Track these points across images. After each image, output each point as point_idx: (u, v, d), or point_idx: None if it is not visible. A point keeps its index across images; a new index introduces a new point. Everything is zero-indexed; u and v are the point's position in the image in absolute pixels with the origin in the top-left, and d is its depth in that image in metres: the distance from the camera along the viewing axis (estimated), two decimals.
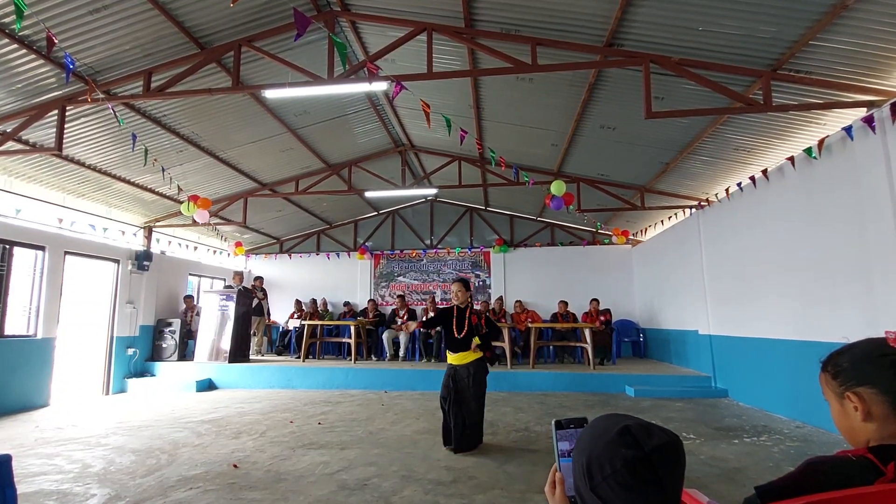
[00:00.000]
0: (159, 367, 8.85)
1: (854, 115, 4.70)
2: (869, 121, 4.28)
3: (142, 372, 8.78)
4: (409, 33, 5.18)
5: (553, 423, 0.89)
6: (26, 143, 6.20)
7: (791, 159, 5.60)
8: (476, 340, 4.58)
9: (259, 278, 10.86)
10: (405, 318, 10.27)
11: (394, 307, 10.96)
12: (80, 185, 7.58)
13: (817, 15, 3.85)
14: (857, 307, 4.61)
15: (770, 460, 4.19)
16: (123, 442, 4.93)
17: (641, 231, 11.30)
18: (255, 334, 10.18)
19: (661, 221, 9.85)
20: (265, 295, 10.64)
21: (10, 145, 5.94)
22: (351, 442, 4.88)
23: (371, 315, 10.58)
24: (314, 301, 11.29)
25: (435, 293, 12.07)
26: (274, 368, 8.70)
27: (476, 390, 4.54)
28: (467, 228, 12.63)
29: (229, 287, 9.57)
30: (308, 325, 9.48)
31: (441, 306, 11.16)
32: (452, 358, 4.67)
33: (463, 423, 4.52)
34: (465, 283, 4.79)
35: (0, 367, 6.39)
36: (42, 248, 7.12)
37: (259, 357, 10.01)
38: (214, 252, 12.26)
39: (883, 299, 4.23)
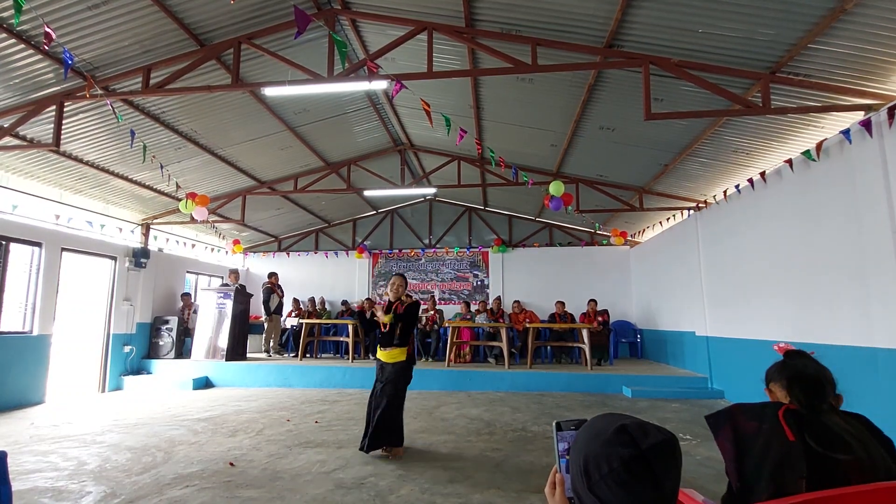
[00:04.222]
0: (156, 364, 8.82)
1: (852, 119, 4.72)
2: (866, 124, 4.30)
3: (138, 369, 8.76)
4: (410, 32, 5.18)
5: (553, 424, 0.89)
6: (24, 138, 6.17)
7: (789, 162, 5.62)
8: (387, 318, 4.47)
9: (274, 274, 10.45)
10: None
11: None
12: (77, 182, 7.56)
13: (816, 18, 3.86)
14: (852, 309, 4.62)
15: None
16: (119, 439, 4.92)
17: (639, 232, 11.31)
18: (272, 334, 10.10)
19: (660, 223, 9.87)
20: (283, 293, 10.48)
21: (8, 141, 5.91)
22: (348, 441, 4.88)
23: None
24: (312, 300, 11.27)
25: (434, 293, 12.07)
26: (271, 367, 8.69)
27: (392, 390, 4.39)
28: (466, 228, 12.63)
29: (226, 286, 9.53)
30: (306, 323, 9.48)
31: (440, 306, 11.23)
32: (381, 354, 4.55)
33: (375, 422, 4.33)
34: (403, 277, 4.70)
35: None
36: (39, 245, 7.09)
37: (276, 356, 9.87)
38: (212, 250, 12.23)
39: (878, 302, 4.25)
